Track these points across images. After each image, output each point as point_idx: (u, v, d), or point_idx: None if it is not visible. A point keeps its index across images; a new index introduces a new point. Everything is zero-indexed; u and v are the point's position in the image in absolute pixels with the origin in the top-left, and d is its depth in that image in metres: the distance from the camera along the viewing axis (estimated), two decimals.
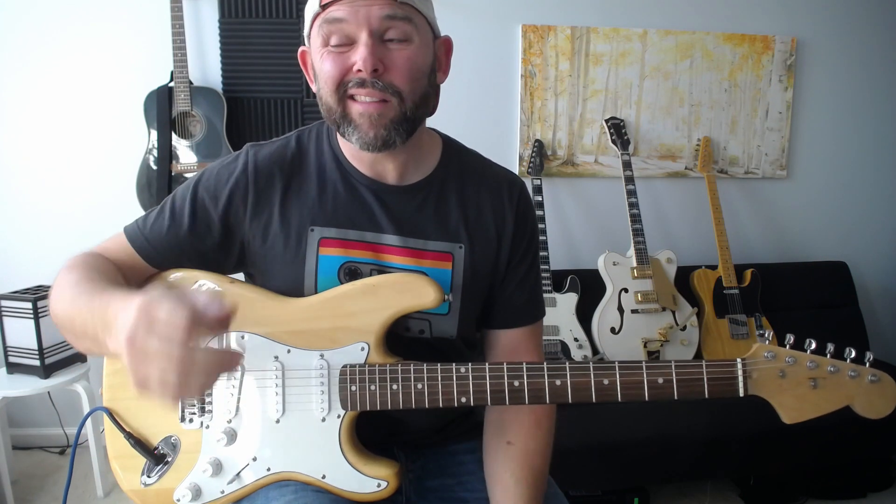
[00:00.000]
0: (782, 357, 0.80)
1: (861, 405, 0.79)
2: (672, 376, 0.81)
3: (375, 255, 0.92)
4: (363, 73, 0.81)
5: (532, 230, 1.02)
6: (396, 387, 0.85)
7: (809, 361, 0.80)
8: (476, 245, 0.95)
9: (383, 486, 0.87)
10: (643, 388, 0.81)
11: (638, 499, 1.93)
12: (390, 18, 0.81)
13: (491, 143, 2.44)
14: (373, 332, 0.87)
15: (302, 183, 0.93)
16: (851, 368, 0.79)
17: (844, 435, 1.94)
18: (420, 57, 0.85)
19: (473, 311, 0.98)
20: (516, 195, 1.00)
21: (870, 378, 0.79)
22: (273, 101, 2.38)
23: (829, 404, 0.79)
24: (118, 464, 0.91)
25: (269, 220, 0.92)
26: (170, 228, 0.91)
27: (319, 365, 0.87)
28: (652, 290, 2.26)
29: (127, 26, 2.31)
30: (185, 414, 0.89)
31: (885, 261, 2.81)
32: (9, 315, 2.04)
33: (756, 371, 0.81)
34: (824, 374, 0.79)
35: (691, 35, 2.54)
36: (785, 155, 2.67)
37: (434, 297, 0.87)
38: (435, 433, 1.02)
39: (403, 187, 0.94)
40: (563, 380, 0.83)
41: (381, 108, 0.83)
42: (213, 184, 0.92)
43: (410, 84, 0.84)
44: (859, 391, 0.79)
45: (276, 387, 0.88)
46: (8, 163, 2.35)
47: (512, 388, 0.83)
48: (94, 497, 2.11)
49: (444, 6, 2.43)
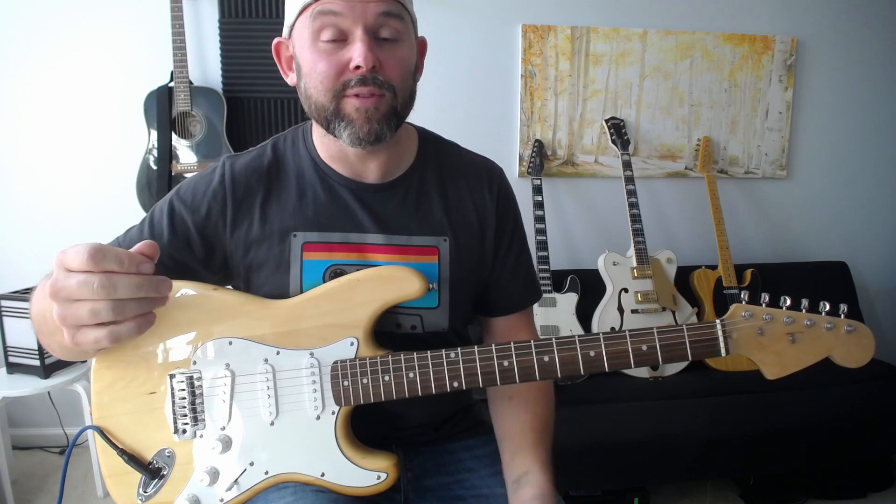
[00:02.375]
0: (759, 315, 0.83)
1: (840, 355, 0.81)
2: (655, 342, 0.83)
3: (360, 256, 0.92)
4: (363, 70, 0.81)
5: (515, 215, 1.03)
6: (388, 378, 0.85)
7: (786, 317, 0.82)
8: (460, 236, 0.96)
9: (383, 478, 0.87)
10: (629, 357, 0.83)
11: (638, 499, 1.93)
12: (385, 15, 0.81)
13: (491, 143, 2.45)
14: (361, 326, 0.87)
15: (281, 190, 0.93)
16: (827, 321, 0.81)
17: (844, 435, 1.94)
18: (409, 55, 0.86)
19: (464, 303, 0.99)
20: (496, 183, 1.01)
21: (846, 328, 0.81)
22: (273, 101, 2.38)
23: (809, 357, 0.81)
24: (113, 481, 0.90)
25: (250, 230, 0.92)
26: (171, 256, 0.91)
27: (310, 363, 0.87)
28: (652, 290, 2.26)
29: (127, 26, 2.31)
30: (178, 425, 0.88)
31: (885, 261, 2.81)
32: (9, 315, 2.04)
33: (735, 331, 0.82)
34: (801, 329, 0.82)
35: (691, 35, 2.54)
36: (785, 155, 2.67)
37: (418, 286, 0.87)
38: (433, 431, 1.02)
39: (383, 185, 0.94)
40: (550, 356, 0.84)
41: (377, 102, 0.83)
42: (191, 197, 0.92)
43: (403, 81, 0.85)
44: (837, 342, 0.81)
45: (268, 389, 0.87)
46: (8, 163, 2.35)
47: (502, 367, 0.84)
48: (94, 497, 2.11)
49: (444, 6, 2.43)
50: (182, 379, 0.88)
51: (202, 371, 0.88)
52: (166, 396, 0.89)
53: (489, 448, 1.02)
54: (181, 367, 0.89)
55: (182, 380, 0.88)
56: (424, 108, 1.11)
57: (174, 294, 0.90)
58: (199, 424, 0.88)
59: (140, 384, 0.89)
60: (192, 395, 0.88)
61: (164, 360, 0.90)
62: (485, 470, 0.99)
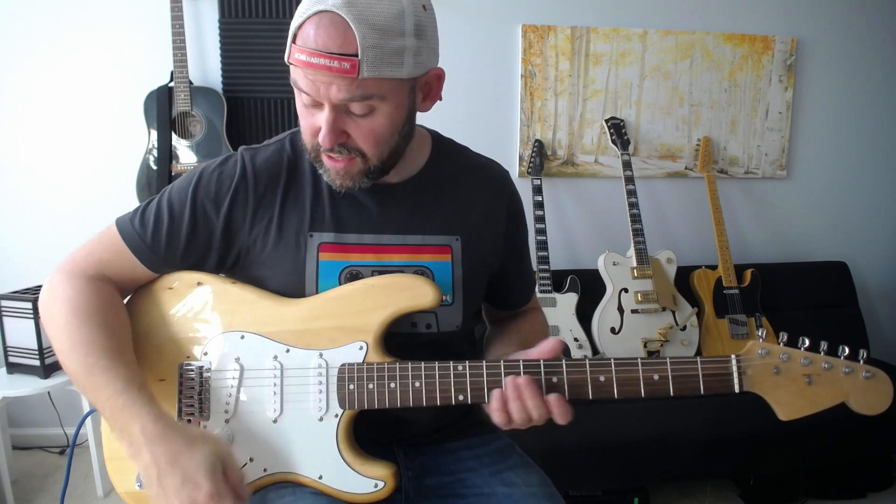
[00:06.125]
0: (776, 354, 0.81)
1: (857, 402, 0.80)
2: (668, 372, 0.82)
3: (376, 257, 0.93)
4: (327, 145, 0.83)
5: (522, 215, 1.08)
6: (394, 385, 0.85)
7: (803, 358, 0.81)
8: (472, 235, 0.98)
9: (380, 487, 0.87)
10: (639, 385, 0.82)
11: (638, 499, 1.93)
12: (348, 100, 0.80)
13: (491, 143, 2.44)
14: (371, 331, 0.88)
15: (299, 189, 0.94)
16: (846, 365, 0.80)
17: (844, 435, 1.94)
18: (386, 123, 0.84)
19: (476, 300, 1.01)
20: (508, 188, 1.05)
21: (864, 374, 0.79)
22: (273, 101, 2.38)
23: (825, 400, 0.80)
24: (113, 465, 0.91)
25: (269, 226, 0.92)
26: (174, 237, 0.91)
27: (318, 364, 0.88)
28: (652, 290, 2.26)
29: (127, 26, 2.31)
30: (183, 414, 0.89)
31: (885, 261, 2.81)
32: (9, 315, 2.04)
33: (751, 367, 0.82)
34: (819, 371, 0.80)
35: (691, 35, 2.54)
36: (785, 155, 2.67)
37: (432, 297, 0.88)
38: (434, 432, 1.03)
39: (397, 185, 0.95)
40: (559, 377, 0.84)
41: (348, 165, 0.86)
42: (215, 190, 0.92)
43: (376, 148, 0.85)
44: (854, 388, 0.79)
45: (275, 386, 0.88)
46: (8, 163, 2.35)
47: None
48: (94, 497, 2.11)
49: (444, 6, 2.43)
50: (192, 368, 0.90)
51: (212, 363, 0.90)
52: (175, 385, 0.90)
53: (490, 447, 1.02)
54: (192, 357, 0.91)
55: (192, 369, 0.89)
56: None
57: (192, 283, 0.93)
58: (203, 415, 0.89)
59: (151, 371, 0.90)
60: (199, 385, 0.89)
61: (177, 349, 0.91)
62: (486, 469, 0.99)
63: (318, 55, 0.76)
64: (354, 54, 0.76)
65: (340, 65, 0.76)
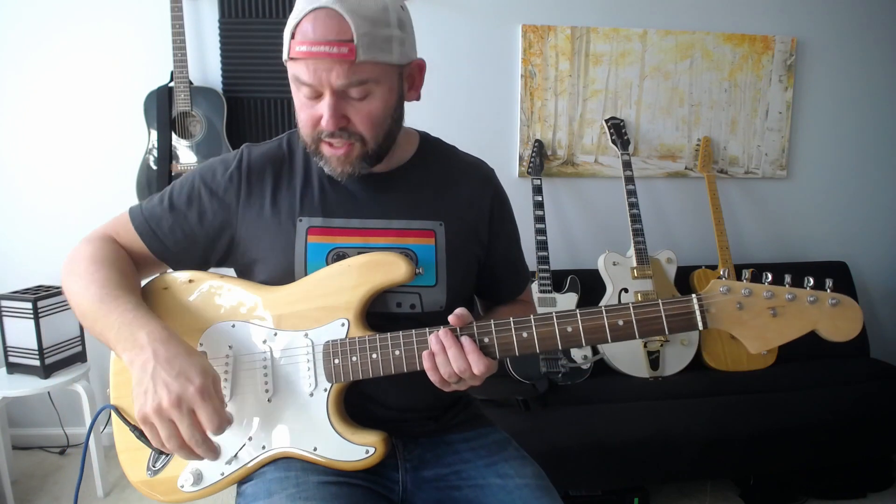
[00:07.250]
0: (738, 290, 0.83)
1: (826, 329, 0.80)
2: (631, 317, 0.85)
3: (362, 239, 0.99)
4: (330, 129, 0.89)
5: (507, 209, 1.13)
6: (376, 356, 0.91)
7: (766, 292, 0.82)
8: (455, 221, 1.03)
9: (371, 453, 0.91)
10: (605, 332, 0.85)
11: (638, 499, 1.93)
12: (348, 84, 0.87)
13: (491, 143, 2.45)
14: (351, 308, 0.93)
15: (291, 177, 1.01)
16: (810, 294, 0.80)
17: (844, 435, 1.94)
18: (381, 106, 0.91)
19: (461, 282, 1.05)
20: (491, 178, 1.11)
21: (830, 302, 0.80)
22: (273, 101, 2.38)
23: (793, 331, 0.81)
24: (125, 457, 0.97)
25: (261, 212, 0.99)
26: (182, 228, 0.99)
27: (305, 343, 0.93)
28: (652, 290, 2.26)
29: (127, 26, 2.31)
30: None
31: (885, 261, 2.81)
32: (9, 315, 2.04)
33: (713, 305, 0.83)
34: (783, 303, 0.81)
35: (691, 35, 2.54)
36: (785, 155, 2.67)
37: (405, 271, 0.93)
38: (433, 422, 1.05)
39: (384, 173, 1.02)
40: (529, 332, 0.88)
41: (348, 150, 0.92)
42: (211, 178, 1.01)
43: (373, 130, 0.92)
44: (822, 316, 0.80)
45: (266, 368, 0.94)
46: (8, 163, 2.35)
47: (482, 343, 0.88)
48: (95, 497, 2.11)
49: (444, 6, 2.43)
50: None
51: (207, 352, 0.95)
52: None
53: (487, 440, 1.06)
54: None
55: None
56: (425, 107, 1.14)
57: (185, 280, 1.00)
58: None
59: None
60: None
61: None
62: (481, 461, 1.02)
63: (319, 44, 0.84)
64: (351, 40, 0.84)
65: (339, 50, 0.84)
